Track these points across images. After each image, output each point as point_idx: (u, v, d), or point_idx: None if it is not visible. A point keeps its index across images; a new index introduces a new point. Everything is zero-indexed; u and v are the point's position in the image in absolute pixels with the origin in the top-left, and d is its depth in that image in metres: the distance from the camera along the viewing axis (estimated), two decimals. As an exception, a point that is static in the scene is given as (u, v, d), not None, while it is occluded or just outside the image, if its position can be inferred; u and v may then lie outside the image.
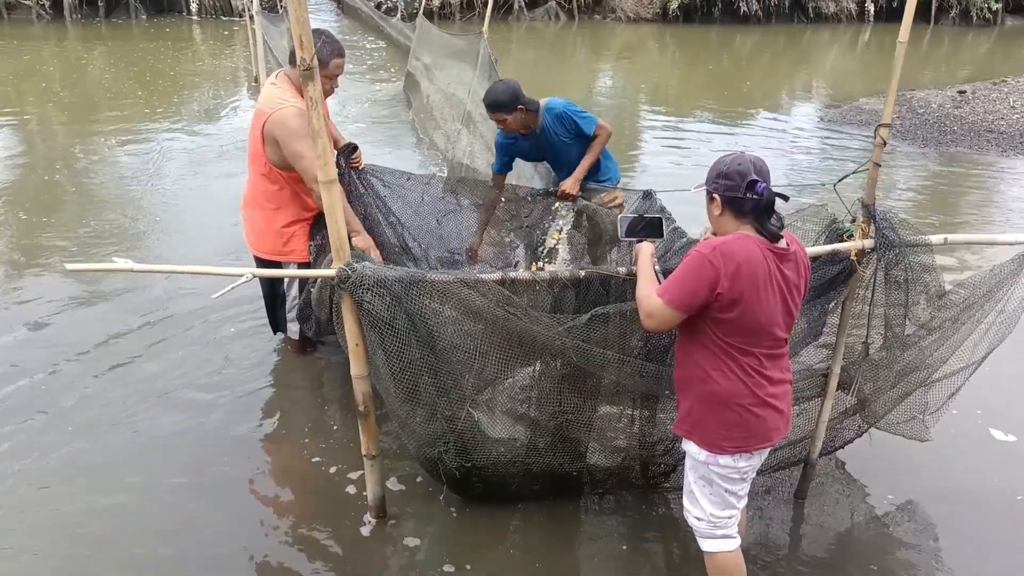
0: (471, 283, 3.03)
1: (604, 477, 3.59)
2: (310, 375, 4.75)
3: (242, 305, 5.22)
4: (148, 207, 7.40)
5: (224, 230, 6.67)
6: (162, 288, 5.59)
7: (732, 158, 2.70)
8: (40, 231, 6.72)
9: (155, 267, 2.83)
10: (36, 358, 4.73)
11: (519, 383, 3.35)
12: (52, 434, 4.06)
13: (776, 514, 3.71)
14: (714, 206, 2.73)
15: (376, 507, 3.50)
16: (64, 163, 8.68)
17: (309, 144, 3.87)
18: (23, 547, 3.36)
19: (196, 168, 8.50)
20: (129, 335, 5.02)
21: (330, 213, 2.86)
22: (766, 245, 2.66)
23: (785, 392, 2.85)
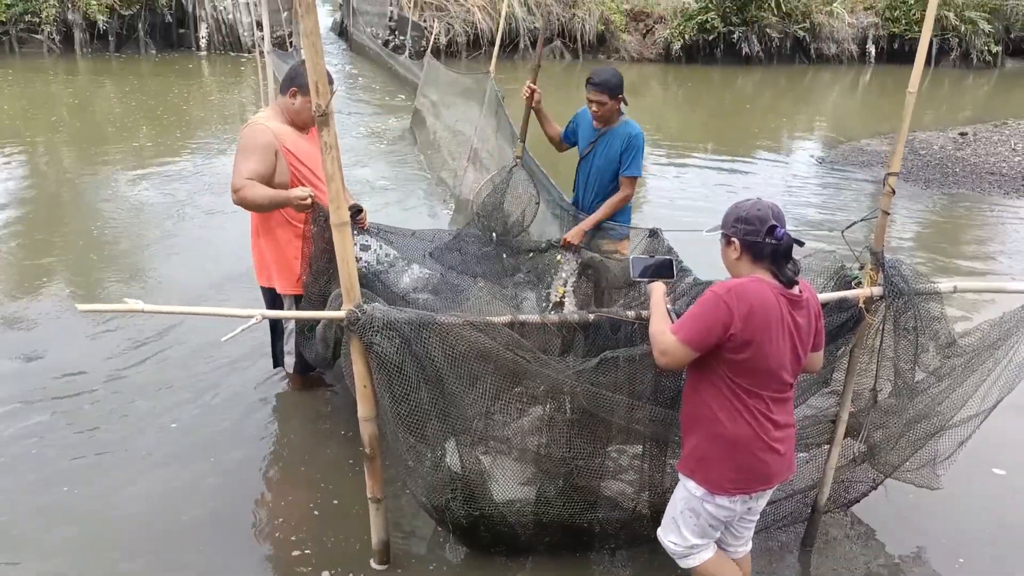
0: (480, 326, 3.02)
1: (615, 529, 3.54)
2: (312, 408, 4.73)
3: (244, 340, 5.21)
4: (156, 239, 7.42)
5: (231, 263, 6.68)
6: (163, 320, 5.58)
7: (751, 204, 2.75)
8: (47, 261, 6.73)
9: (165, 308, 2.83)
10: (41, 389, 4.72)
11: (529, 428, 3.32)
12: (54, 465, 4.04)
13: (783, 561, 3.66)
14: (731, 250, 2.78)
15: (380, 552, 3.45)
16: (72, 194, 8.73)
17: (247, 158, 4.01)
18: None
19: (203, 201, 8.53)
20: (129, 367, 5.01)
21: (341, 256, 2.86)
22: (779, 290, 2.70)
23: (788, 436, 2.88)
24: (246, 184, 3.94)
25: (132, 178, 9.31)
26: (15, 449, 4.20)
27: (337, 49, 22.26)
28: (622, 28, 22.98)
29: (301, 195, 3.85)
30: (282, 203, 3.96)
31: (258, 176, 3.98)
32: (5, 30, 18.03)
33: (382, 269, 4.21)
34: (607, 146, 4.68)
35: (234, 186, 3.97)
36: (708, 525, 2.92)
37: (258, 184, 3.96)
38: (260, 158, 4.01)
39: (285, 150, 4.08)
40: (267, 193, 3.96)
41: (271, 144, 4.04)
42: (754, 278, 2.72)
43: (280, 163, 4.07)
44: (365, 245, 4.20)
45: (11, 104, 13.34)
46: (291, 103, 4.13)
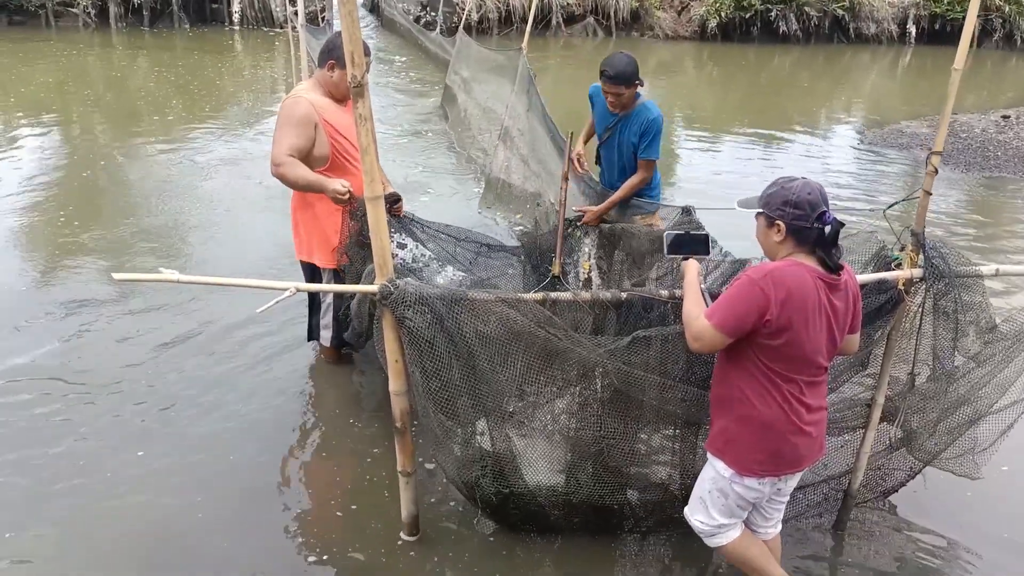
0: (512, 302, 3.01)
1: (646, 512, 3.52)
2: (344, 386, 4.75)
3: (278, 314, 5.25)
4: (189, 212, 7.47)
5: (265, 237, 6.73)
6: (197, 295, 5.63)
7: (800, 186, 2.64)
8: (82, 233, 6.81)
9: (201, 279, 2.84)
10: (75, 363, 4.78)
11: (559, 406, 3.31)
12: (90, 440, 4.11)
13: (814, 545, 3.63)
14: (774, 232, 2.68)
15: (410, 525, 3.47)
16: (106, 167, 8.81)
17: (286, 132, 4.00)
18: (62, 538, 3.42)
19: (236, 175, 8.58)
20: (164, 341, 5.06)
21: (374, 230, 2.85)
22: (818, 274, 2.62)
23: (820, 419, 2.84)
24: (286, 161, 3.95)
25: (165, 152, 9.38)
26: (45, 424, 4.26)
27: (369, 24, 22.22)
28: (656, 5, 22.70)
29: (340, 189, 3.84)
30: (318, 190, 3.96)
31: (297, 150, 3.99)
32: (42, 3, 18.22)
33: (417, 267, 4.20)
34: (626, 131, 4.60)
35: (274, 159, 3.98)
36: (736, 505, 2.89)
37: (299, 164, 3.97)
38: (300, 131, 4.01)
39: (324, 122, 4.07)
40: (306, 176, 3.97)
41: (310, 117, 4.03)
42: (792, 262, 2.64)
43: (319, 136, 4.06)
44: (402, 243, 4.19)
45: (46, 78, 13.48)
46: (329, 76, 4.13)
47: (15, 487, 3.73)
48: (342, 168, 4.15)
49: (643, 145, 4.54)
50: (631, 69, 4.34)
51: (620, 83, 4.35)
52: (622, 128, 4.61)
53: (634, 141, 4.56)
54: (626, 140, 4.61)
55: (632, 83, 4.38)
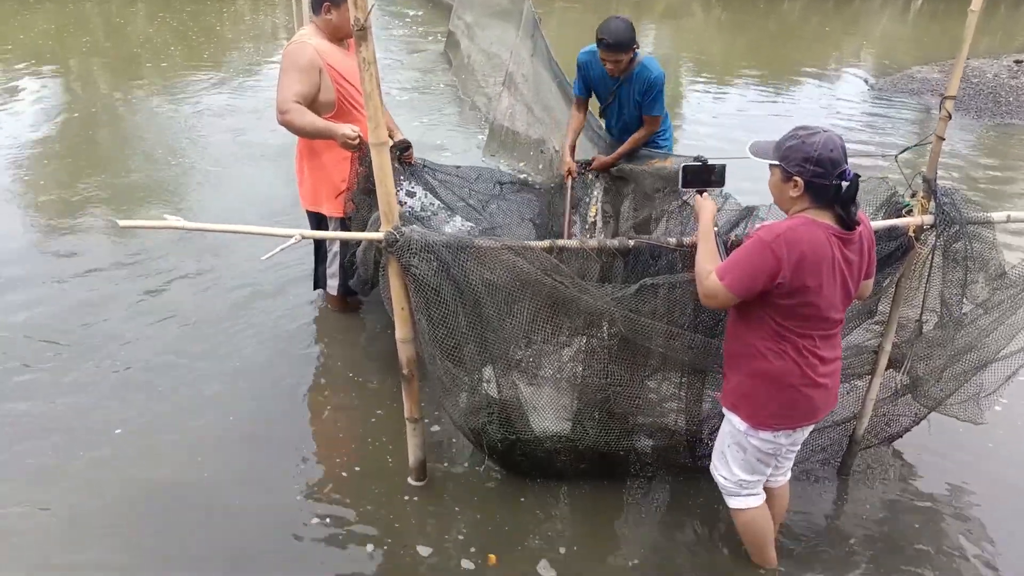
0: (518, 249, 2.99)
1: (651, 459, 3.55)
2: (350, 333, 4.76)
3: (284, 264, 5.24)
4: (190, 161, 7.43)
5: (267, 188, 6.69)
6: (201, 244, 5.62)
7: (822, 142, 2.50)
8: (83, 183, 6.77)
9: (205, 226, 2.83)
10: (82, 313, 4.80)
11: (566, 354, 3.31)
12: (101, 388, 4.14)
13: (818, 490, 3.66)
14: (791, 187, 2.57)
15: (417, 470, 3.51)
16: (107, 117, 8.73)
17: (291, 79, 3.94)
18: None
19: (236, 123, 8.50)
20: (165, 295, 5.06)
21: (379, 176, 2.82)
22: (833, 231, 2.55)
23: (835, 370, 2.81)
24: (293, 108, 3.89)
25: (165, 101, 9.28)
26: (43, 383, 4.27)
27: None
28: (664, -52, 22.17)
29: (349, 134, 3.79)
30: (327, 136, 3.91)
31: (303, 97, 3.93)
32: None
33: (425, 216, 4.17)
34: (628, 92, 4.54)
35: (280, 107, 3.93)
36: (756, 460, 2.87)
37: (306, 111, 3.92)
38: (304, 77, 3.94)
39: (329, 67, 4.01)
40: (314, 123, 3.91)
41: (314, 62, 3.97)
42: (806, 220, 2.55)
43: (324, 81, 4.01)
44: (411, 191, 4.15)
45: (44, 25, 13.30)
46: (328, 18, 4.05)
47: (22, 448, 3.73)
48: (348, 114, 4.09)
49: (646, 103, 4.49)
50: (629, 34, 4.25)
51: (619, 50, 4.27)
52: (624, 91, 4.55)
53: (638, 100, 4.52)
54: (629, 100, 4.57)
55: (630, 48, 4.30)
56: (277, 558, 3.20)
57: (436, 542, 3.28)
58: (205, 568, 3.15)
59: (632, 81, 4.46)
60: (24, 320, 4.71)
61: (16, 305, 4.85)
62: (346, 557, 3.21)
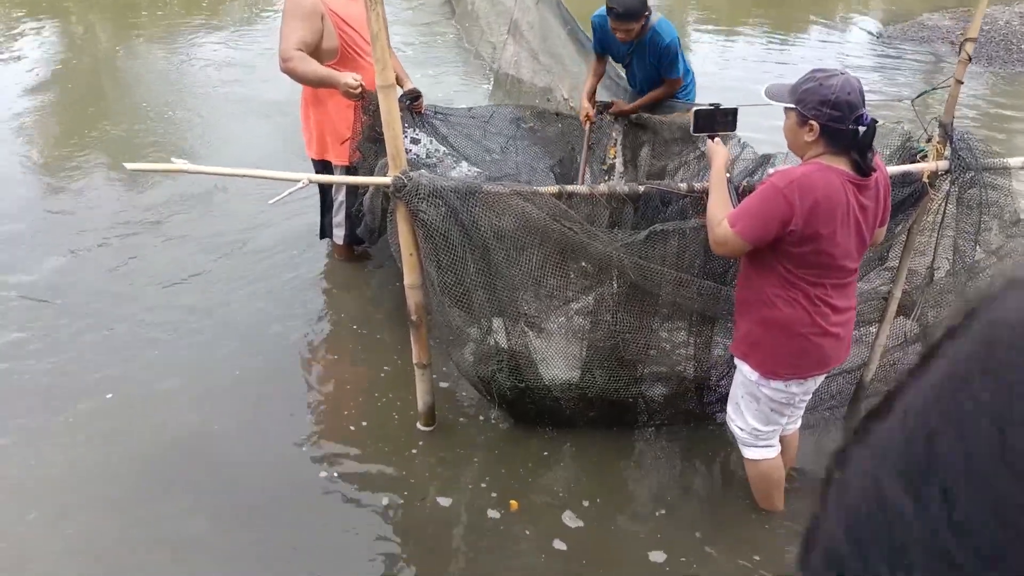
0: (527, 195, 2.96)
1: (660, 406, 3.55)
2: (357, 284, 4.75)
3: (287, 213, 5.20)
4: (193, 111, 7.33)
5: (269, 138, 6.61)
6: (203, 198, 5.57)
7: (840, 84, 2.42)
8: (85, 134, 6.69)
9: (211, 169, 2.79)
10: (90, 264, 4.78)
11: (575, 302, 3.30)
12: (105, 334, 4.13)
13: (826, 437, 3.66)
14: (806, 131, 2.50)
15: (426, 415, 3.52)
16: (107, 67, 8.61)
17: (293, 26, 3.88)
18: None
19: (239, 72, 8.38)
20: (171, 244, 5.01)
21: (386, 120, 2.78)
22: (848, 177, 2.49)
23: (848, 320, 2.77)
24: (295, 56, 3.83)
25: (167, 48, 9.15)
26: (45, 340, 4.26)
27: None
28: None
29: (351, 83, 3.72)
30: (330, 85, 3.85)
31: (305, 45, 3.86)
32: None
33: (431, 163, 4.11)
34: (643, 58, 4.48)
35: (282, 55, 3.87)
36: (770, 410, 2.85)
37: (308, 58, 3.85)
38: (307, 24, 3.87)
39: (331, 13, 3.94)
40: (316, 71, 3.86)
41: (316, 8, 3.89)
42: (820, 166, 2.49)
43: (327, 27, 3.93)
44: (416, 139, 4.08)
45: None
46: None
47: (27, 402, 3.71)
48: (352, 61, 4.02)
49: (663, 67, 4.44)
50: (639, 4, 4.15)
51: (629, 20, 4.18)
52: (638, 55, 4.50)
53: (653, 63, 4.46)
54: (644, 64, 4.52)
55: (641, 16, 4.20)
56: (290, 511, 3.18)
57: (454, 492, 3.28)
58: (217, 520, 3.13)
59: (646, 47, 4.39)
60: (20, 279, 4.62)
61: (12, 262, 4.77)
62: (363, 510, 3.20)
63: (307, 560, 2.97)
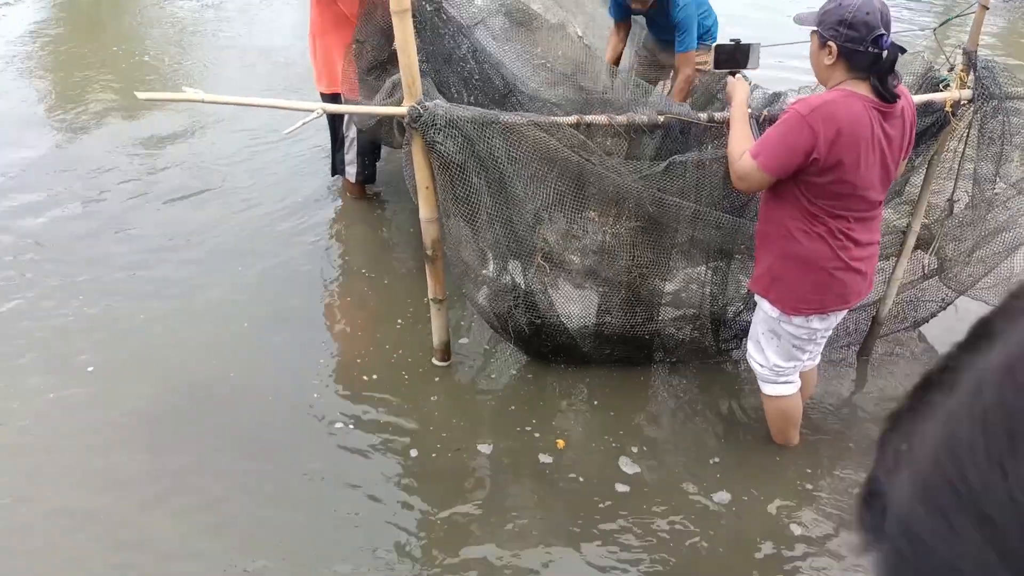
0: (545, 125, 2.92)
1: (675, 344, 3.54)
2: (371, 218, 4.74)
3: (298, 153, 5.16)
4: (202, 46, 7.27)
5: (280, 67, 6.54)
6: (213, 133, 5.54)
7: (860, 5, 2.36)
8: (93, 71, 6.61)
9: (225, 98, 2.75)
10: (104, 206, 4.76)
11: (592, 235, 3.27)
12: (129, 281, 4.15)
13: (839, 371, 3.67)
14: (826, 54, 2.46)
15: (441, 350, 3.53)
16: (111, 10, 8.49)
17: None
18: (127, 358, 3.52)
19: (247, 15, 8.27)
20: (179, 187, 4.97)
21: (402, 48, 2.73)
22: (872, 103, 2.44)
23: (872, 255, 2.74)
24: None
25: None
26: (50, 288, 4.25)
27: None
28: None
29: None
30: None
31: None
32: None
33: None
34: (659, 22, 4.37)
35: None
36: (791, 346, 2.84)
37: None
38: None
39: None
40: None
41: None
42: (845, 92, 2.44)
43: None
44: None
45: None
46: None
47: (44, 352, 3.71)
48: None
49: (678, 40, 4.29)
50: None
51: None
52: (655, 19, 4.39)
53: (671, 30, 4.31)
54: (663, 28, 4.39)
55: None
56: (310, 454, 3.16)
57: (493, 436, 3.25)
58: (236, 460, 3.14)
59: (660, 12, 4.27)
60: (31, 225, 4.57)
61: (24, 209, 4.71)
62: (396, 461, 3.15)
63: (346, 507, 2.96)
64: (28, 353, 3.60)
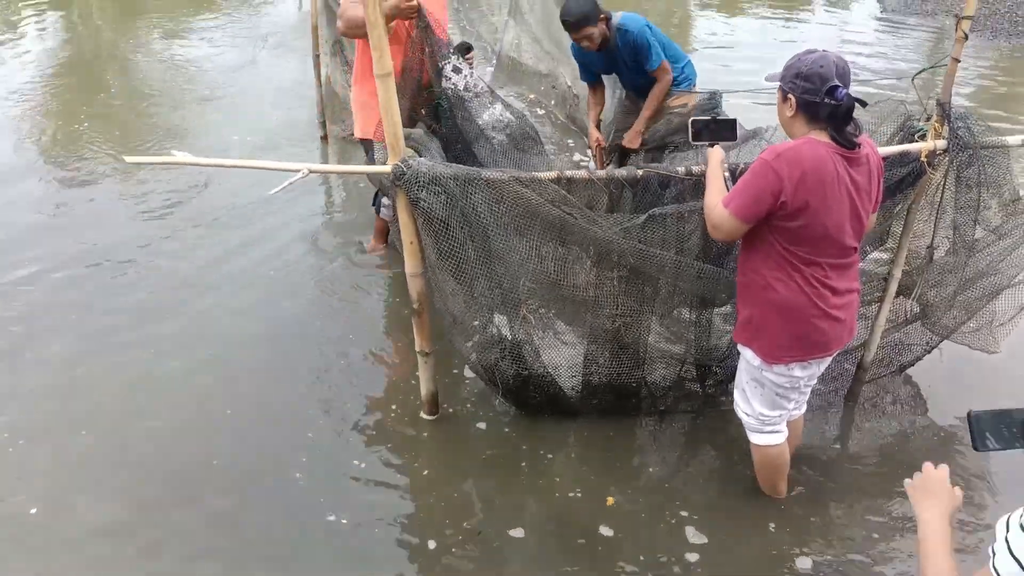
0: (527, 181, 2.97)
1: (663, 391, 3.57)
2: (377, 274, 4.77)
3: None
4: (197, 100, 7.36)
5: (272, 121, 6.63)
6: (223, 184, 5.61)
7: (814, 58, 2.51)
8: (88, 126, 6.71)
9: (213, 161, 2.81)
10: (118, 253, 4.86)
11: (576, 287, 3.30)
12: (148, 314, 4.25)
13: (824, 417, 3.66)
14: (787, 107, 2.59)
15: (429, 403, 3.55)
16: (110, 57, 8.63)
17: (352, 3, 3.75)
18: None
19: (242, 59, 8.40)
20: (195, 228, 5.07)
21: (385, 109, 2.79)
22: (836, 150, 2.53)
23: (850, 303, 2.77)
24: (348, 6, 3.72)
25: (173, 37, 9.16)
26: (69, 314, 4.29)
27: None
28: None
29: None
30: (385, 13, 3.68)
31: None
32: None
33: (467, 97, 3.98)
34: (621, 58, 4.40)
35: (340, 14, 3.81)
36: (775, 395, 2.87)
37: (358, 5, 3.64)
38: None
39: None
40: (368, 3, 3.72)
41: None
42: (807, 139, 2.54)
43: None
44: (457, 67, 3.96)
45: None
46: None
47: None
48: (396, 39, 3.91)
49: (643, 60, 4.34)
50: (588, 7, 4.11)
51: (584, 25, 4.14)
52: (617, 58, 4.42)
53: (632, 60, 4.37)
54: (627, 66, 4.43)
55: (595, 20, 4.15)
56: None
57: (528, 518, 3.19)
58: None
59: (620, 49, 4.33)
60: (38, 270, 4.70)
61: (30, 259, 4.81)
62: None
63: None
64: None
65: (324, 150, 6.25)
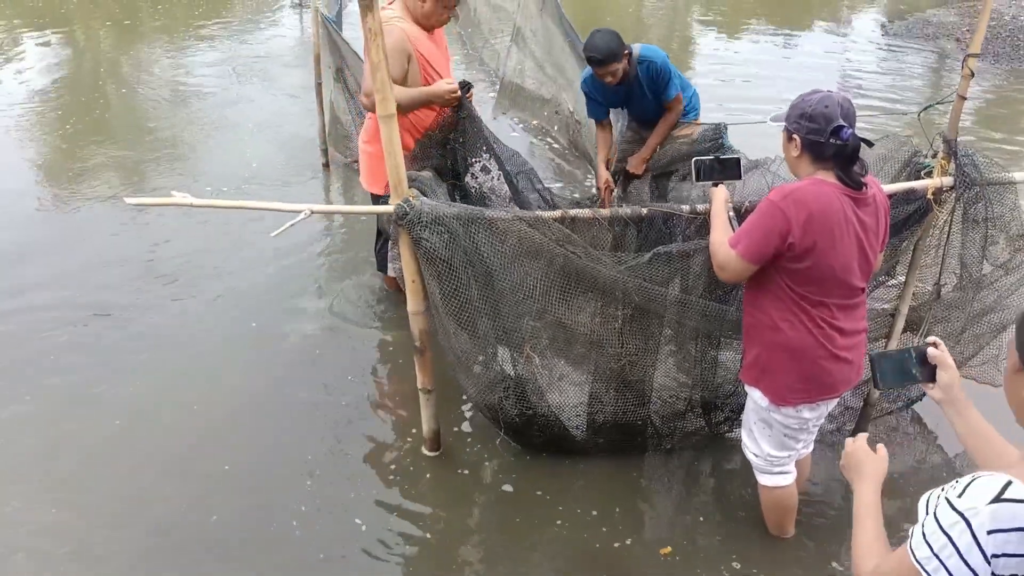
0: (530, 220, 2.96)
1: (668, 429, 3.54)
2: (393, 314, 4.70)
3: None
4: (198, 125, 7.37)
5: (273, 149, 6.62)
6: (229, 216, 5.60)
7: (819, 98, 2.49)
8: (89, 152, 6.73)
9: (214, 202, 2.81)
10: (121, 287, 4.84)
11: (580, 325, 3.28)
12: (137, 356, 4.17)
13: (832, 452, 3.62)
14: (792, 147, 2.57)
15: (431, 440, 3.52)
16: (111, 79, 8.65)
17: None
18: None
19: (242, 83, 8.41)
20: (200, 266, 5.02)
21: (387, 150, 2.78)
22: (843, 190, 2.51)
23: (858, 343, 2.75)
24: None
25: (174, 62, 9.18)
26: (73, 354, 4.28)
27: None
28: None
29: (450, 88, 3.50)
30: (427, 102, 3.63)
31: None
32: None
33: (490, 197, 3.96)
34: (640, 92, 4.40)
35: (366, 90, 3.55)
36: (783, 435, 2.83)
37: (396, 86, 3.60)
38: (392, 62, 3.46)
39: (419, 55, 3.71)
40: (408, 93, 3.58)
41: (404, 48, 3.62)
42: (814, 180, 2.52)
43: (412, 67, 3.69)
44: (487, 168, 3.94)
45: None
46: (420, 5, 3.71)
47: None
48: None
49: (661, 91, 4.35)
50: (616, 43, 4.10)
51: (612, 61, 4.11)
52: (634, 93, 4.41)
53: (651, 92, 4.37)
54: (643, 97, 4.43)
55: (622, 56, 4.14)
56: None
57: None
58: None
59: (640, 81, 4.33)
60: (42, 300, 4.68)
61: (31, 284, 4.83)
62: None
63: None
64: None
65: (326, 179, 6.25)
